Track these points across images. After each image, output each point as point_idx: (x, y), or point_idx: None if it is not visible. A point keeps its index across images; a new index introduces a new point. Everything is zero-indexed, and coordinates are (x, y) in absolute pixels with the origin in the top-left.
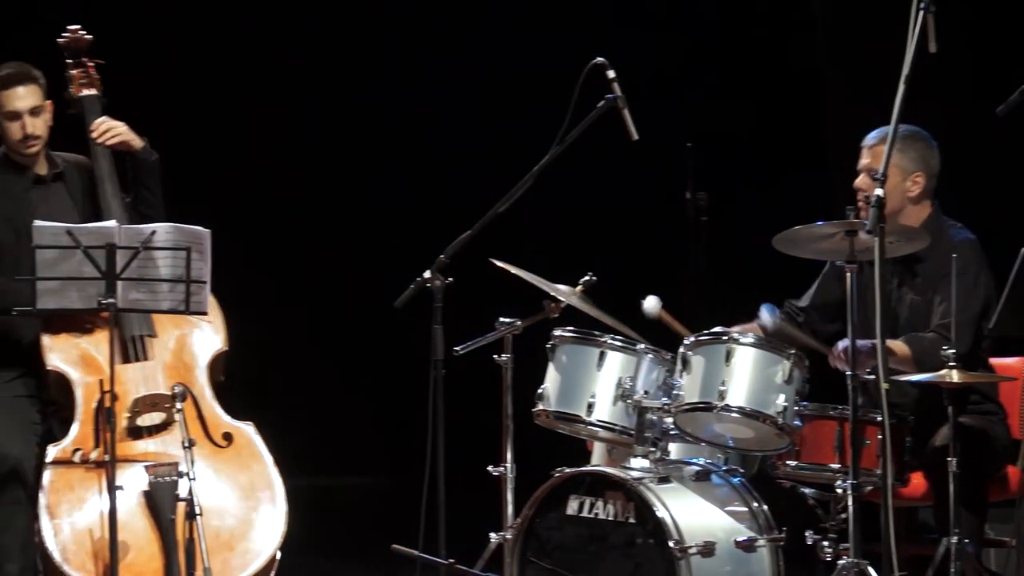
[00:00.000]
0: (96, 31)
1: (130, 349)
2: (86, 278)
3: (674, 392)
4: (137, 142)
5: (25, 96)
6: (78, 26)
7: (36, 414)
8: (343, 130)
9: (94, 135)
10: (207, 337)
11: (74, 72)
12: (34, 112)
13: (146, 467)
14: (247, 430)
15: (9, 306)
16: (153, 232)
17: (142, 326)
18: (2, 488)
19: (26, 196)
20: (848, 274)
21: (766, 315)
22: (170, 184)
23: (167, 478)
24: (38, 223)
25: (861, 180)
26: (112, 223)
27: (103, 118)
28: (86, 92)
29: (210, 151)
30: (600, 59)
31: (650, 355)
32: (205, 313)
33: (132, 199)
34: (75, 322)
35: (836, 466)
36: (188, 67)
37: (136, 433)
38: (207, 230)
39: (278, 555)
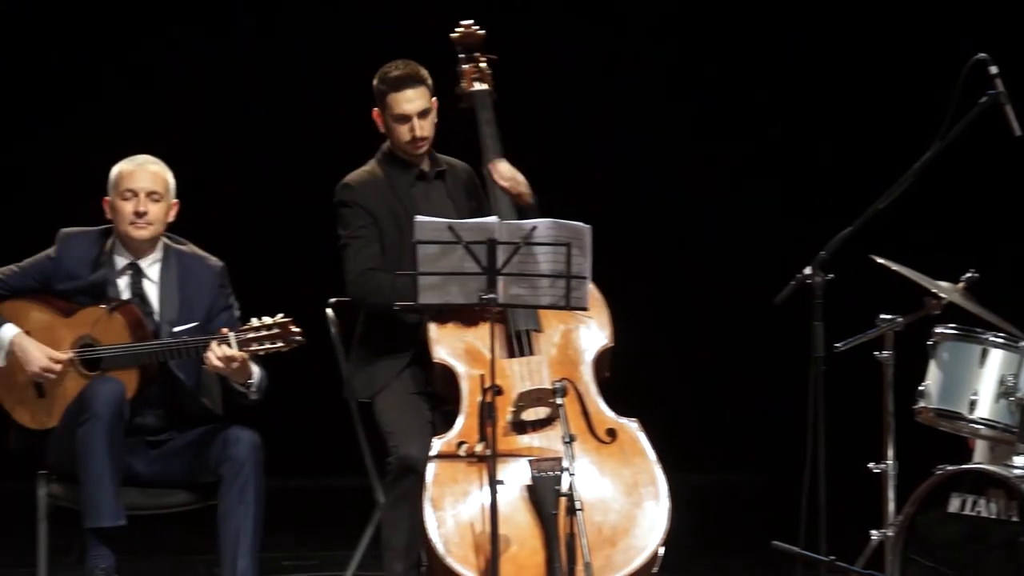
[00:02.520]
0: (486, 26)
1: (515, 344)
2: (467, 273)
3: None
4: (526, 199)
5: (414, 99)
6: (471, 21)
7: (428, 411)
8: (726, 125)
9: (496, 178)
10: (593, 333)
11: (466, 67)
12: (423, 115)
13: (529, 462)
14: (631, 426)
15: (393, 300)
16: (534, 228)
17: (527, 321)
18: (396, 487)
19: (410, 192)
20: None
21: None
22: (552, 183)
23: (550, 473)
24: (419, 218)
25: None
26: (493, 219)
27: (508, 170)
28: (478, 87)
29: (590, 148)
30: (982, 54)
31: None
32: (585, 309)
33: None
34: (461, 315)
35: None
36: (562, 62)
37: (520, 428)
38: (588, 226)
39: (661, 551)
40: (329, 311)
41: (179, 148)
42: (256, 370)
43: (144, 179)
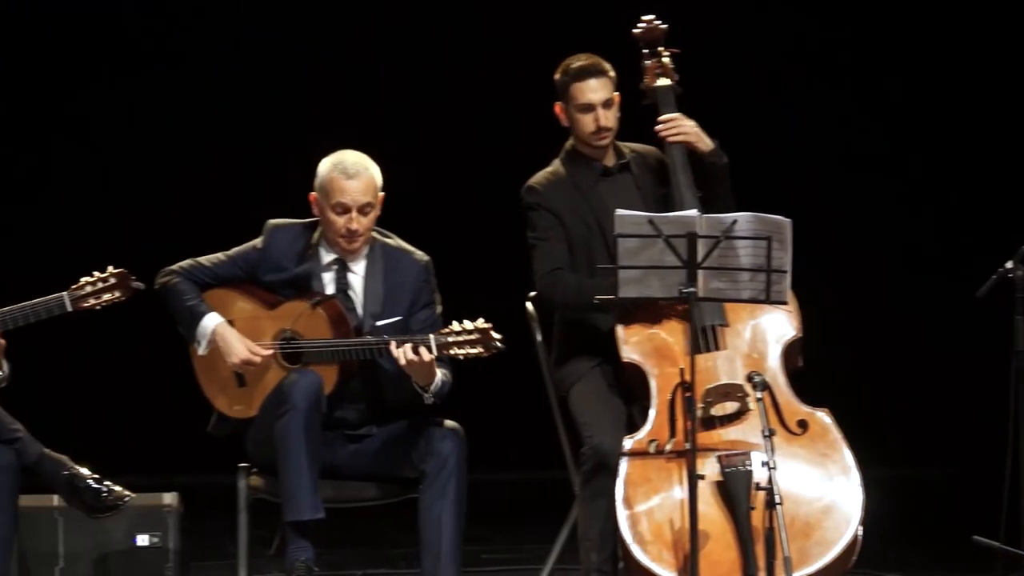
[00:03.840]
0: (670, 21)
1: (701, 339)
2: (667, 267)
3: None
4: (705, 144)
5: (598, 89)
6: (653, 16)
7: (622, 404)
8: (924, 117)
9: (659, 128)
10: (781, 324)
11: (649, 62)
12: (606, 105)
13: (718, 457)
14: (823, 417)
15: (580, 300)
16: (734, 221)
17: (714, 316)
18: (592, 479)
19: (594, 188)
20: None
21: None
22: (744, 170)
23: (741, 467)
24: (620, 211)
25: None
26: (693, 212)
27: (675, 114)
28: (660, 82)
29: (784, 141)
30: None
31: None
32: (785, 303)
33: (702, 197)
34: (649, 313)
35: None
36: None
37: (709, 423)
38: (788, 220)
39: (858, 543)
40: (528, 305)
41: (384, 144)
42: (439, 377)
43: (357, 192)
